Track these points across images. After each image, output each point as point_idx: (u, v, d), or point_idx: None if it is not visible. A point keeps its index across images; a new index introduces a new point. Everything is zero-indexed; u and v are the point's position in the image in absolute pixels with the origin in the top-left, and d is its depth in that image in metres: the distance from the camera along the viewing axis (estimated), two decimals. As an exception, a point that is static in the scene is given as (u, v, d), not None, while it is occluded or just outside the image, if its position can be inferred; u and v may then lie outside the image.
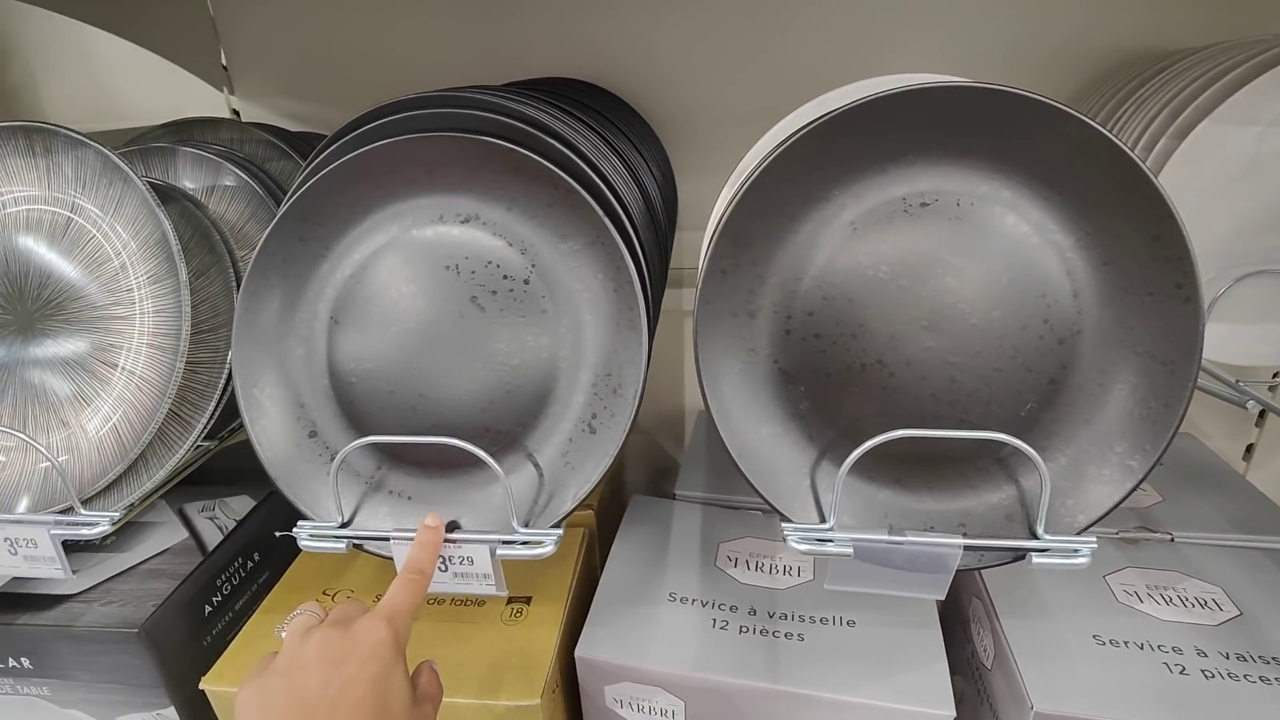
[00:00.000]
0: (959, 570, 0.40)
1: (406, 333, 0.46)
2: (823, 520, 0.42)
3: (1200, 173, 0.51)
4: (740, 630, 0.51)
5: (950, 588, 0.41)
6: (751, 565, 0.57)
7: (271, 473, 0.46)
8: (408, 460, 0.47)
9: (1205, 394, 0.54)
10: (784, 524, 0.42)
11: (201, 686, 0.49)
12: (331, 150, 0.46)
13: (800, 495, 0.43)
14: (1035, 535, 0.41)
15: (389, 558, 0.44)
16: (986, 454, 0.43)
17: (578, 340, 0.45)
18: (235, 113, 0.79)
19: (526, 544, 0.43)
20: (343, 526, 0.45)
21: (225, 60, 0.77)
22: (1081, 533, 0.41)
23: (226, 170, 0.61)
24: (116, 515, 0.48)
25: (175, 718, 0.54)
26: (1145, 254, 0.38)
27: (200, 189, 0.62)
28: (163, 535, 0.60)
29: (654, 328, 0.48)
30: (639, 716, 0.51)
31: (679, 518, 0.63)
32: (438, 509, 0.46)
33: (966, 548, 0.40)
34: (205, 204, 0.56)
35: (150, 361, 0.50)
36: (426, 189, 0.45)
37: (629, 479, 0.91)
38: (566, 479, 0.45)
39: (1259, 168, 0.51)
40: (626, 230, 0.43)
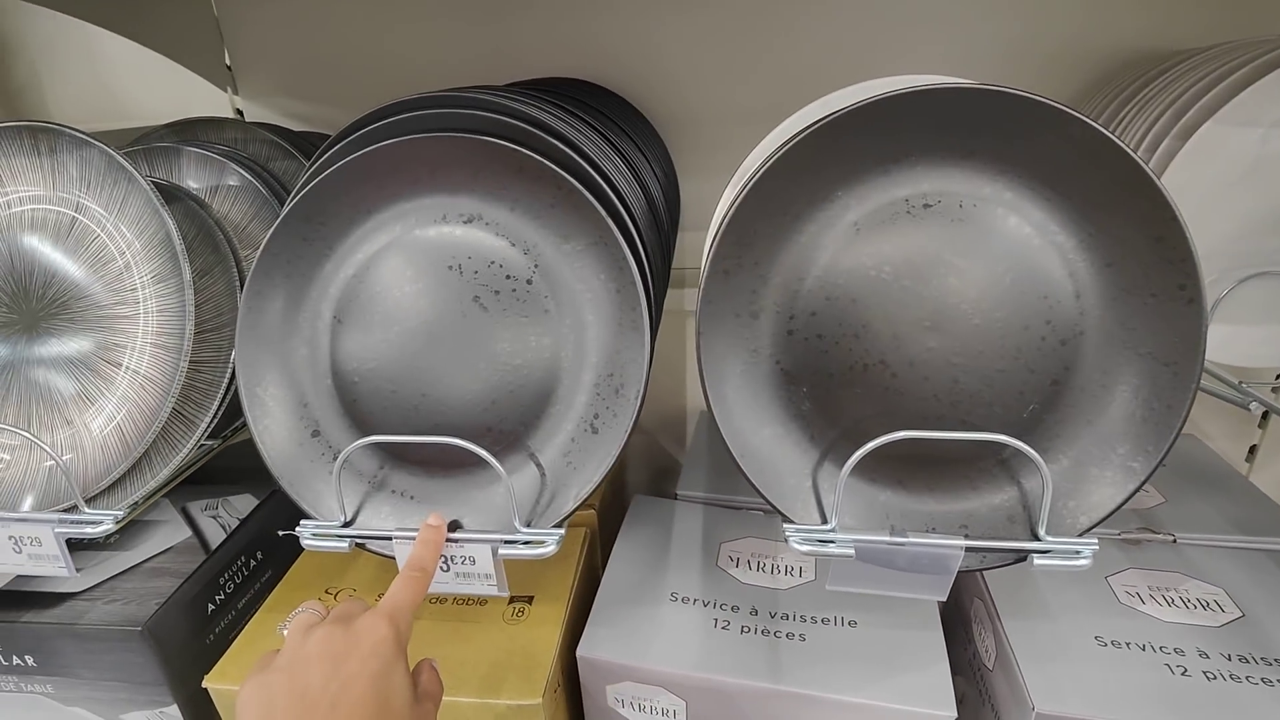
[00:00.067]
0: (960, 571, 0.40)
1: (409, 332, 0.46)
2: (824, 521, 0.42)
3: (1203, 174, 0.51)
4: (742, 630, 0.51)
5: (952, 588, 0.41)
6: (753, 565, 0.57)
7: (274, 472, 0.46)
8: (410, 460, 0.47)
9: (1208, 395, 0.54)
10: (785, 525, 0.42)
11: (204, 685, 0.50)
12: (335, 150, 0.46)
13: (802, 496, 0.43)
14: (1037, 536, 0.41)
15: (391, 557, 0.45)
16: (988, 455, 0.43)
17: (580, 340, 0.45)
18: (239, 112, 0.79)
19: (528, 544, 0.43)
20: (345, 526, 0.46)
21: (229, 60, 0.77)
22: (1083, 534, 0.41)
23: (230, 170, 0.62)
24: (120, 514, 0.48)
25: (178, 716, 0.54)
26: (1148, 255, 0.38)
27: (204, 189, 0.62)
28: (166, 534, 0.61)
29: (656, 328, 0.48)
30: (640, 716, 0.51)
31: (680, 518, 0.63)
32: (440, 508, 0.46)
33: (968, 549, 0.40)
34: (209, 204, 0.56)
35: (154, 361, 0.50)
36: (430, 189, 0.45)
37: (631, 479, 0.91)
38: (568, 479, 0.45)
39: (1262, 169, 0.51)
40: (629, 231, 0.43)
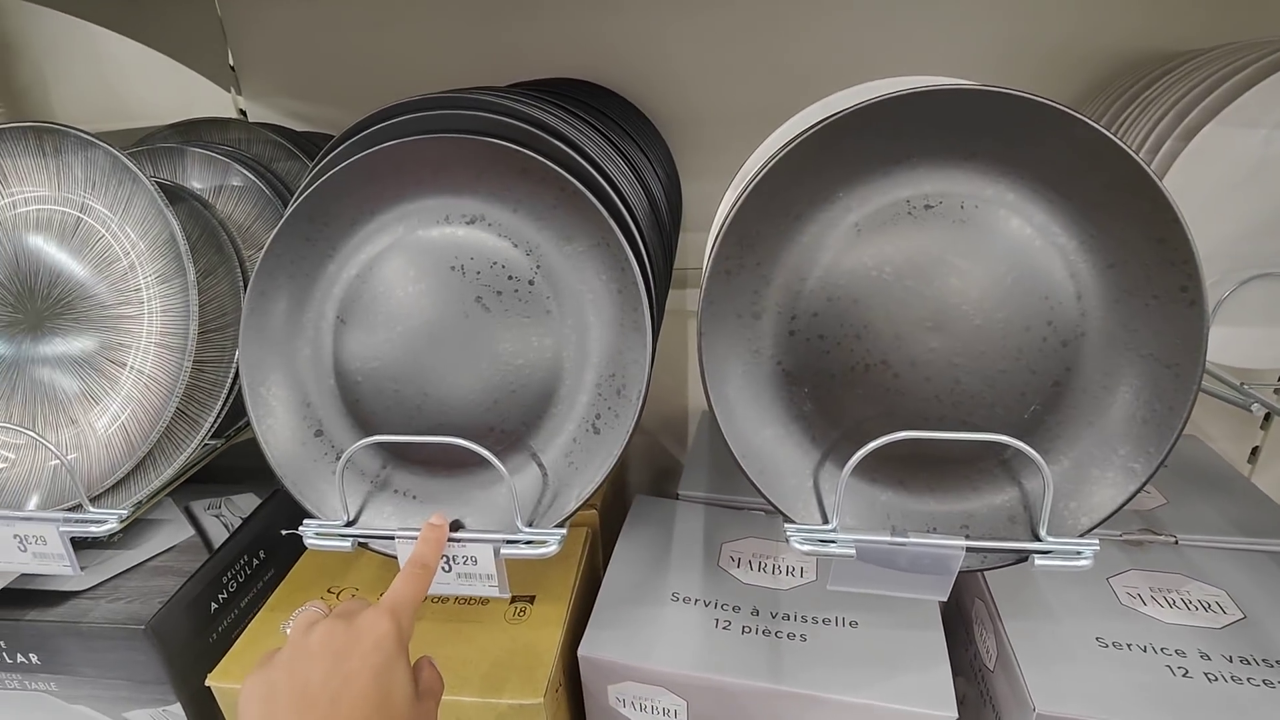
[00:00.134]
0: (961, 572, 0.40)
1: (412, 332, 0.46)
2: (825, 521, 0.42)
3: (1206, 175, 0.51)
4: (743, 630, 0.51)
5: (953, 589, 0.41)
6: (754, 565, 0.57)
7: (278, 471, 0.46)
8: (413, 459, 0.48)
9: (1210, 397, 0.54)
10: (787, 525, 0.42)
11: (207, 683, 0.50)
12: (338, 151, 0.46)
13: (803, 496, 0.43)
14: (1038, 537, 0.41)
15: (393, 556, 0.45)
16: (990, 456, 0.43)
17: (582, 340, 0.45)
18: (242, 113, 0.80)
19: (530, 543, 0.44)
20: (348, 525, 0.46)
21: (233, 61, 0.77)
22: (1084, 535, 0.41)
23: (234, 170, 0.62)
24: (125, 513, 0.48)
25: (181, 714, 0.54)
26: (1150, 257, 0.38)
27: (208, 189, 0.62)
28: (169, 533, 0.61)
29: (658, 328, 0.48)
30: (642, 716, 0.51)
31: (682, 518, 0.63)
32: (442, 508, 0.46)
33: (969, 549, 0.40)
34: (213, 204, 0.56)
35: (158, 360, 0.50)
36: (433, 190, 0.45)
37: (632, 479, 0.91)
38: (570, 479, 0.45)
39: (1265, 170, 0.51)
40: (631, 232, 0.44)
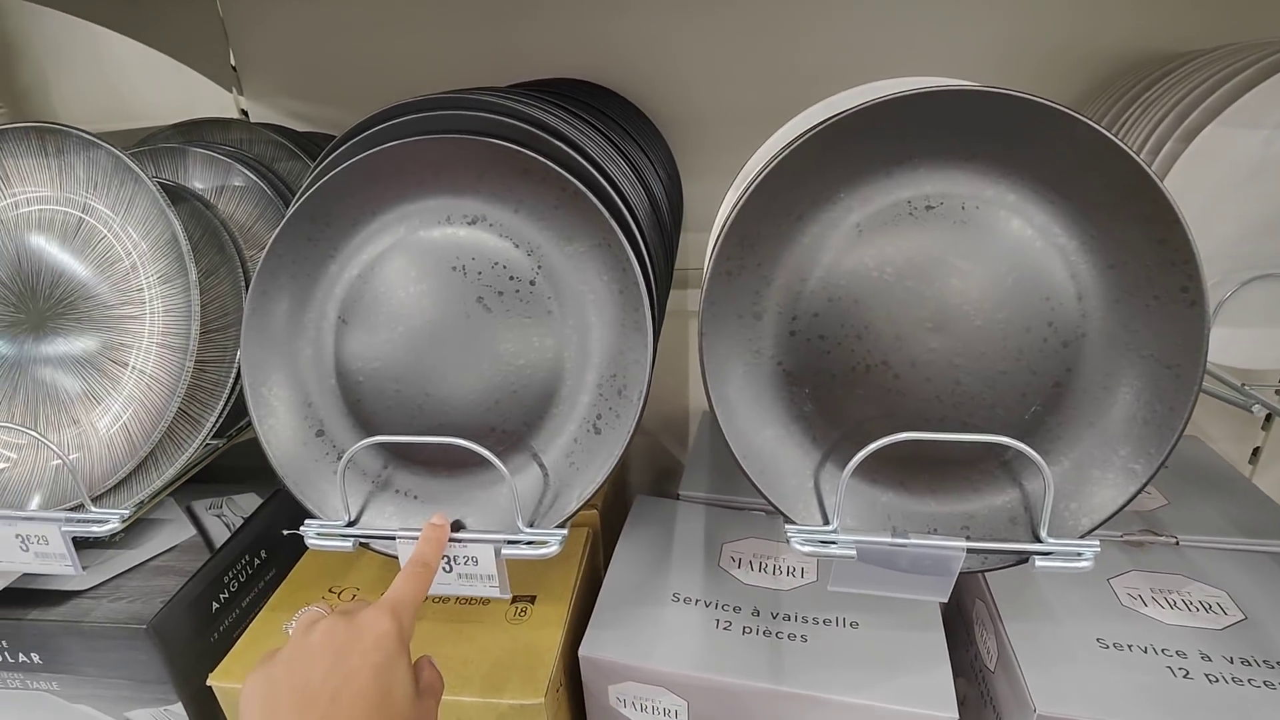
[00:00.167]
0: (962, 573, 0.40)
1: (413, 332, 0.46)
2: (826, 522, 0.42)
3: (1207, 176, 0.51)
4: (744, 631, 0.51)
5: (953, 589, 0.41)
6: (755, 566, 0.57)
7: (279, 471, 0.46)
8: (414, 459, 0.48)
9: (1211, 397, 0.54)
10: (787, 525, 0.42)
11: (209, 683, 0.50)
12: (340, 152, 0.46)
13: (804, 497, 0.43)
14: (1038, 538, 0.41)
15: (395, 556, 0.45)
16: (990, 457, 0.43)
17: (583, 341, 0.46)
18: (244, 113, 0.80)
19: (531, 544, 0.44)
20: (349, 525, 0.46)
21: (234, 61, 0.78)
22: (1085, 536, 0.41)
23: (236, 171, 0.62)
24: (126, 513, 0.48)
25: (182, 714, 0.54)
26: (1151, 258, 0.38)
27: (210, 189, 0.62)
28: (171, 532, 0.61)
29: (659, 329, 0.48)
30: (642, 716, 0.51)
31: (683, 518, 0.63)
32: (443, 509, 0.46)
33: (969, 550, 0.40)
34: (215, 204, 0.56)
35: (160, 361, 0.50)
36: (434, 190, 0.45)
37: (633, 479, 0.91)
38: (571, 479, 0.45)
39: (1266, 171, 0.51)
40: (632, 233, 0.44)
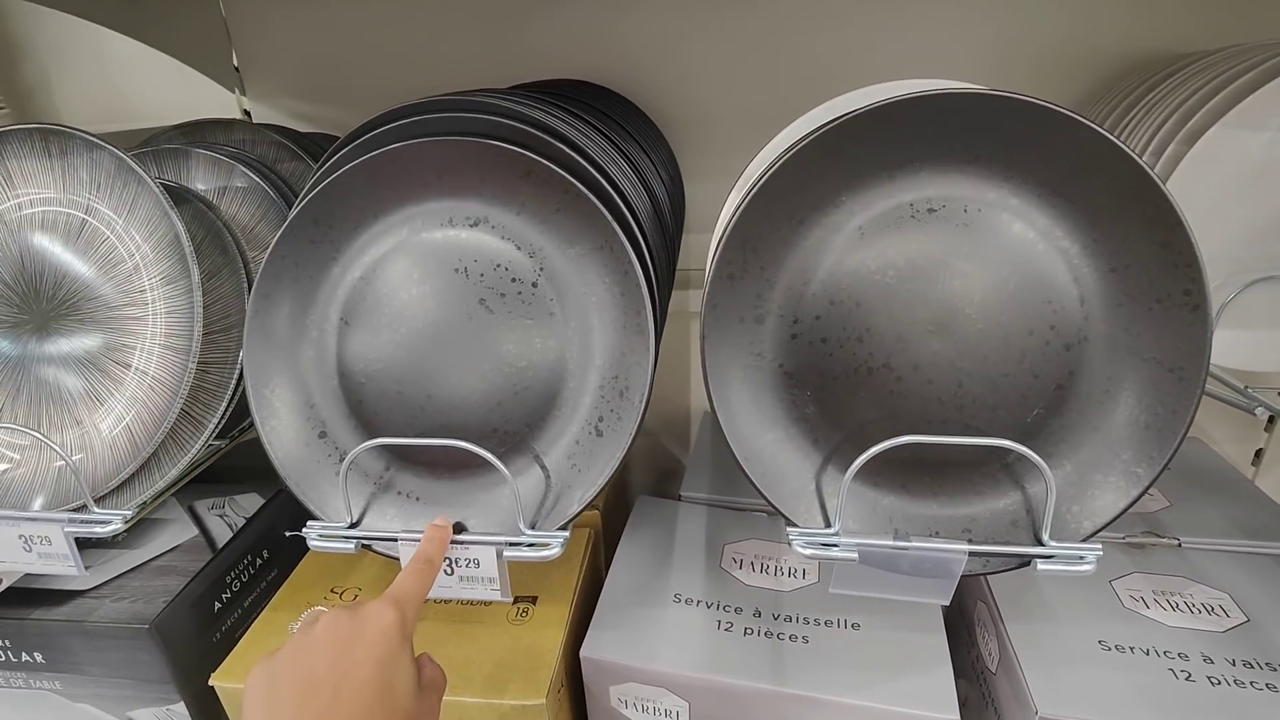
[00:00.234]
0: (964, 576, 0.40)
1: (416, 334, 0.46)
2: (828, 524, 0.42)
3: (1210, 178, 0.51)
4: (745, 632, 0.51)
5: (955, 590, 0.41)
6: (756, 567, 0.57)
7: (282, 473, 0.46)
8: (416, 461, 0.48)
9: (1213, 399, 0.54)
10: (789, 528, 0.42)
11: (211, 683, 0.50)
12: (343, 154, 0.46)
13: (805, 499, 0.43)
14: (1040, 541, 0.41)
15: (396, 558, 0.45)
16: (993, 460, 0.43)
17: (585, 343, 0.46)
18: (246, 113, 0.80)
19: (533, 546, 0.44)
20: (352, 527, 0.46)
21: (237, 61, 0.78)
22: (1087, 539, 0.41)
23: (238, 172, 0.62)
24: (129, 514, 0.49)
25: (185, 713, 0.54)
26: (1153, 261, 0.38)
27: (212, 190, 0.62)
28: (173, 532, 0.61)
29: (661, 331, 0.48)
30: (644, 717, 0.51)
31: (684, 519, 0.63)
32: (445, 510, 0.47)
33: (971, 553, 0.40)
34: (217, 205, 0.56)
35: (163, 362, 0.50)
36: (436, 192, 0.45)
37: (634, 480, 0.91)
38: (573, 481, 0.45)
39: (1269, 173, 0.51)
40: (634, 235, 0.44)
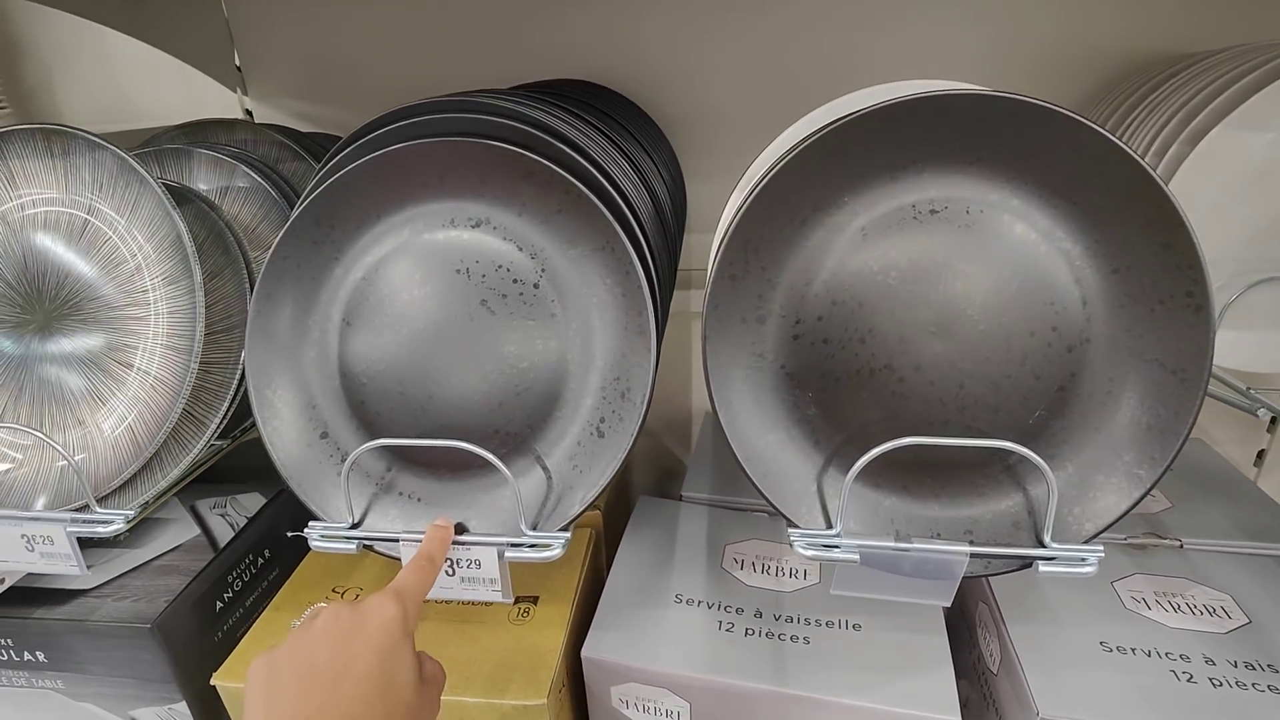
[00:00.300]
0: (965, 577, 0.40)
1: (417, 335, 0.46)
2: (829, 526, 0.42)
3: (1213, 179, 0.51)
4: (746, 633, 0.51)
5: (957, 591, 0.41)
6: (758, 568, 0.57)
7: (284, 473, 0.46)
8: (418, 461, 0.48)
9: (1216, 400, 0.53)
10: (790, 529, 0.42)
11: (213, 682, 0.50)
12: (345, 154, 0.46)
13: (807, 501, 0.43)
14: (1042, 543, 0.41)
15: (398, 559, 0.45)
16: (994, 461, 0.43)
17: (587, 344, 0.46)
18: (248, 113, 0.80)
19: (534, 547, 0.44)
20: (353, 527, 0.46)
21: (239, 61, 0.78)
22: (1089, 541, 0.41)
23: (240, 172, 0.62)
24: (131, 513, 0.49)
25: (186, 712, 0.55)
26: (1155, 262, 0.38)
27: (214, 190, 0.62)
28: (175, 532, 0.61)
29: (662, 332, 0.48)
30: (645, 717, 0.51)
31: (685, 519, 0.63)
32: (447, 511, 0.47)
33: (973, 555, 0.40)
34: (219, 205, 0.56)
35: (165, 362, 0.50)
36: (438, 193, 0.45)
37: (635, 480, 0.91)
38: (574, 482, 0.45)
39: (1272, 174, 0.51)
40: (635, 236, 0.44)
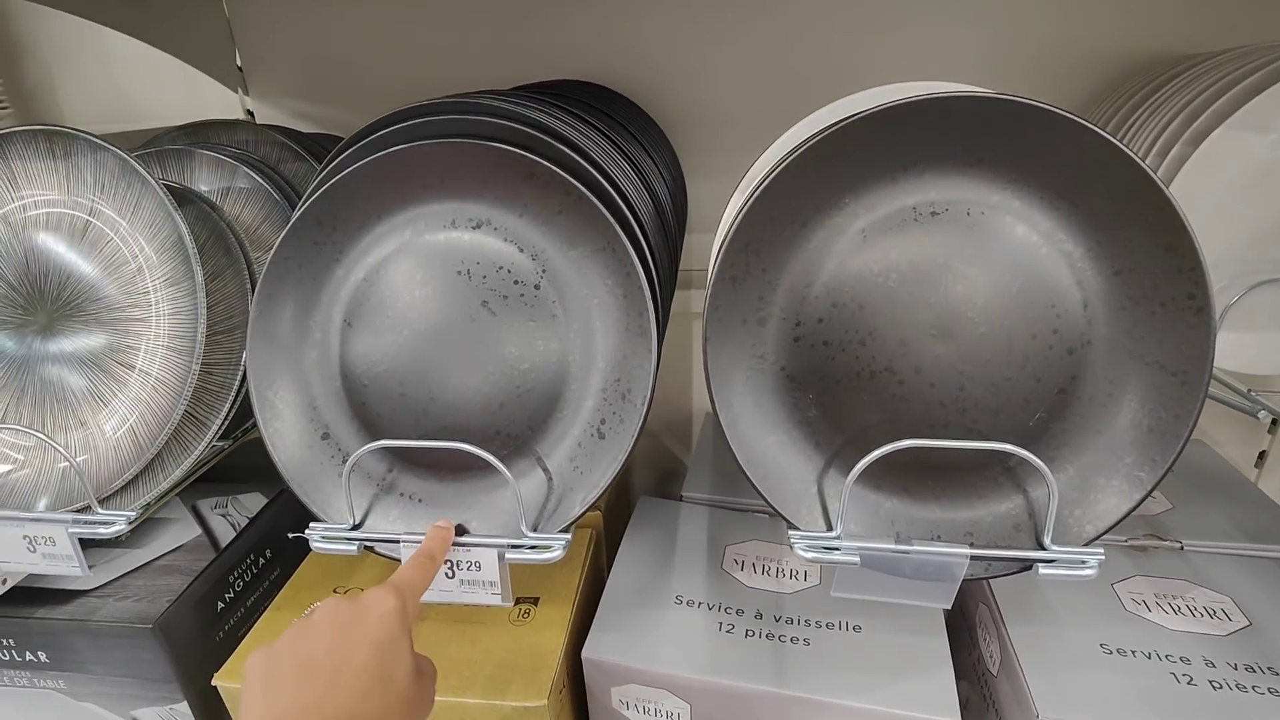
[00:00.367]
0: (966, 579, 0.40)
1: (418, 336, 0.46)
2: (830, 528, 0.42)
3: (1214, 180, 0.51)
4: (746, 634, 0.51)
5: (957, 592, 0.41)
6: (758, 569, 0.57)
7: (285, 475, 0.47)
8: (419, 462, 0.48)
9: (1217, 402, 0.53)
10: (791, 531, 0.42)
11: (214, 682, 0.50)
12: (346, 155, 0.46)
13: (807, 502, 0.43)
14: (1043, 545, 0.41)
15: (398, 560, 0.45)
16: (995, 463, 0.43)
17: (588, 345, 0.46)
18: (250, 114, 0.80)
19: (535, 548, 0.44)
20: (354, 528, 0.46)
21: (240, 62, 0.78)
22: (1089, 543, 0.41)
23: (242, 173, 0.62)
24: (133, 514, 0.49)
25: (188, 712, 0.55)
26: (1157, 264, 0.38)
27: (215, 191, 0.62)
28: (176, 532, 0.61)
29: (663, 333, 0.48)
30: (645, 718, 0.51)
31: (686, 520, 0.63)
32: (447, 512, 0.47)
33: (973, 557, 0.40)
34: (221, 206, 0.56)
35: (166, 363, 0.50)
36: (439, 194, 0.45)
37: (636, 480, 0.91)
38: (575, 483, 0.45)
39: (1274, 175, 0.51)
40: (636, 237, 0.44)
